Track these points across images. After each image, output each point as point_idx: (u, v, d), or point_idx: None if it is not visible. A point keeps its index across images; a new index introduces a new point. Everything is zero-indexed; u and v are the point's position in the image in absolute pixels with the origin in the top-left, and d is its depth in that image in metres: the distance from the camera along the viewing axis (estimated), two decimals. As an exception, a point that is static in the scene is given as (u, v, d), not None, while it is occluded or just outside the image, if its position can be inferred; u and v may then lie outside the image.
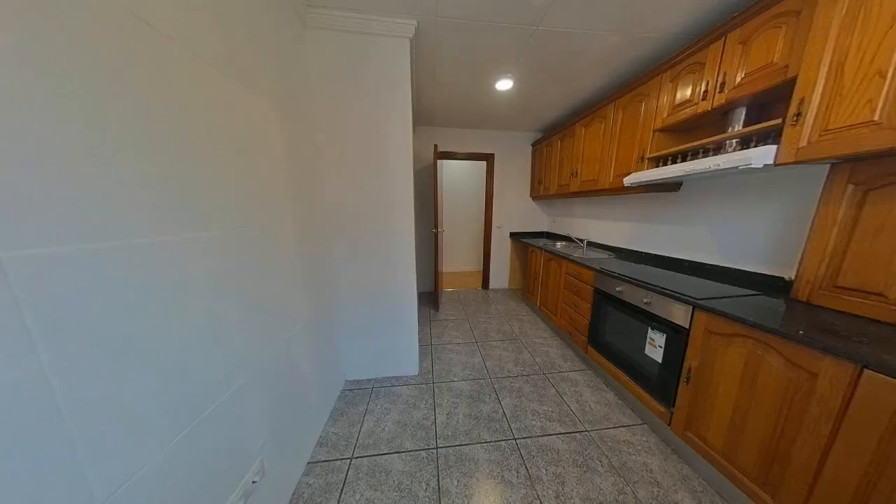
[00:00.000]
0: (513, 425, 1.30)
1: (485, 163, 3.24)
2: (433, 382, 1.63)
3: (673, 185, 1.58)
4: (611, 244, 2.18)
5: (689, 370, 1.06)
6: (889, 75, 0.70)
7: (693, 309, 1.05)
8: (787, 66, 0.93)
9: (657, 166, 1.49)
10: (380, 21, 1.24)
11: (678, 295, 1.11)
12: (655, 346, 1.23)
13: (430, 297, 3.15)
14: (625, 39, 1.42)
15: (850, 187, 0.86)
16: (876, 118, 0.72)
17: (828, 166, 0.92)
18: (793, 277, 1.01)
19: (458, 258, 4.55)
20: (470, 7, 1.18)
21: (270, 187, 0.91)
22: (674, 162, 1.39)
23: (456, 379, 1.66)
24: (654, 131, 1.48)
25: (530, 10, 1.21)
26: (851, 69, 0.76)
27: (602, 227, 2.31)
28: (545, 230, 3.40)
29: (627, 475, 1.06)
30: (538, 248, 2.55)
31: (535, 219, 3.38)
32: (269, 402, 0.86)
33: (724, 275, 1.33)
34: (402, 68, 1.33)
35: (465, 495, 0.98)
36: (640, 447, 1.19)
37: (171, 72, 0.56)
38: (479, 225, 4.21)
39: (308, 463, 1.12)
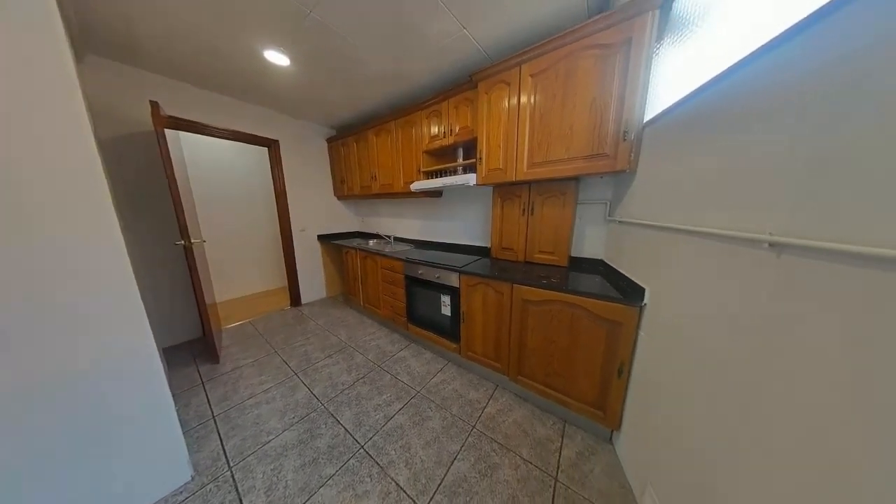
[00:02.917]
0: (357, 435, 1.25)
1: (267, 150, 2.56)
2: (231, 467, 1.10)
3: (439, 193, 2.28)
4: (411, 237, 2.71)
5: (463, 313, 1.64)
6: (502, 146, 1.50)
7: (459, 274, 1.61)
8: (473, 129, 1.67)
9: (429, 178, 2.05)
10: None
11: (451, 267, 1.65)
12: (446, 306, 1.74)
13: (195, 348, 2.03)
14: (396, 70, 1.75)
15: (499, 199, 1.76)
16: (500, 166, 1.53)
17: (492, 188, 1.80)
18: (490, 246, 1.90)
19: (247, 277, 3.33)
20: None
21: None
22: (437, 176, 1.99)
23: (272, 436, 1.25)
24: (423, 152, 2.01)
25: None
26: (492, 140, 1.54)
27: (403, 224, 2.79)
28: (356, 230, 3.44)
29: (446, 404, 1.45)
30: (353, 248, 2.54)
31: (345, 219, 3.31)
32: None
33: (469, 250, 2.18)
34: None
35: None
36: (448, 380, 1.66)
37: None
38: (272, 230, 3.32)
39: None
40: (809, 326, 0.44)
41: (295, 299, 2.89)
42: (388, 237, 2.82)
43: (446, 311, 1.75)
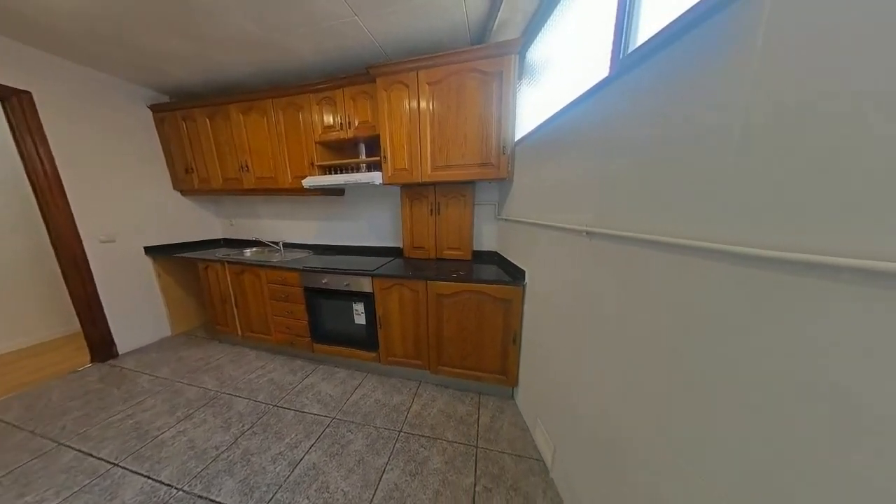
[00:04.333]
0: None
1: None
2: None
3: (340, 191, 2.04)
4: (307, 242, 2.30)
5: (380, 318, 1.56)
6: (406, 147, 1.51)
7: (372, 278, 1.52)
8: (375, 125, 1.60)
9: (326, 173, 1.80)
10: None
11: (362, 271, 1.53)
12: (360, 314, 1.60)
13: None
14: (268, 38, 1.40)
15: (407, 199, 1.78)
16: (406, 167, 1.54)
17: (400, 187, 1.79)
18: (402, 245, 1.89)
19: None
20: None
21: None
22: (336, 172, 1.78)
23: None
24: (316, 143, 1.74)
25: None
26: (396, 140, 1.52)
27: (295, 227, 2.32)
28: (221, 236, 2.58)
29: (368, 419, 1.34)
30: (218, 261, 1.89)
31: (197, 221, 2.41)
32: None
33: (379, 251, 2.08)
34: None
35: None
36: (369, 392, 1.54)
37: None
38: (29, 242, 1.99)
39: None
40: (604, 282, 0.71)
41: (101, 350, 1.84)
42: (276, 243, 2.28)
43: (360, 319, 1.61)
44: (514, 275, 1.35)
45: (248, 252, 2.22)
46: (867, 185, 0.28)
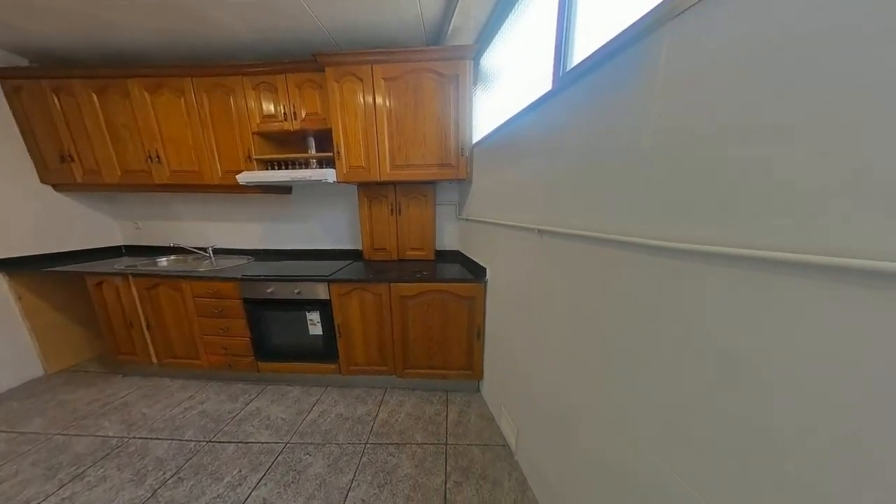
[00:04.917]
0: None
1: None
2: None
3: (286, 188, 1.83)
4: (246, 247, 2.00)
5: (339, 327, 1.45)
6: (361, 142, 1.44)
7: (328, 283, 1.40)
8: (326, 118, 1.47)
9: (267, 168, 1.59)
10: None
11: (317, 277, 1.40)
12: (315, 324, 1.47)
13: None
14: (180, 3, 1.17)
15: (366, 199, 1.69)
16: (363, 164, 1.46)
17: (357, 186, 1.69)
18: (362, 248, 1.79)
19: None
20: None
21: None
22: (281, 167, 1.58)
23: None
24: (254, 133, 1.53)
25: None
26: (351, 135, 1.43)
27: (230, 230, 2.00)
28: (122, 244, 2.07)
29: (329, 437, 1.23)
30: (117, 274, 1.51)
31: (83, 226, 1.89)
32: None
33: (336, 254, 1.93)
34: None
35: None
36: (329, 408, 1.42)
37: None
38: None
39: None
40: (553, 274, 0.79)
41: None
42: (203, 250, 1.92)
43: (316, 329, 1.47)
44: (476, 272, 1.40)
45: (163, 261, 1.83)
46: (728, 192, 0.37)
